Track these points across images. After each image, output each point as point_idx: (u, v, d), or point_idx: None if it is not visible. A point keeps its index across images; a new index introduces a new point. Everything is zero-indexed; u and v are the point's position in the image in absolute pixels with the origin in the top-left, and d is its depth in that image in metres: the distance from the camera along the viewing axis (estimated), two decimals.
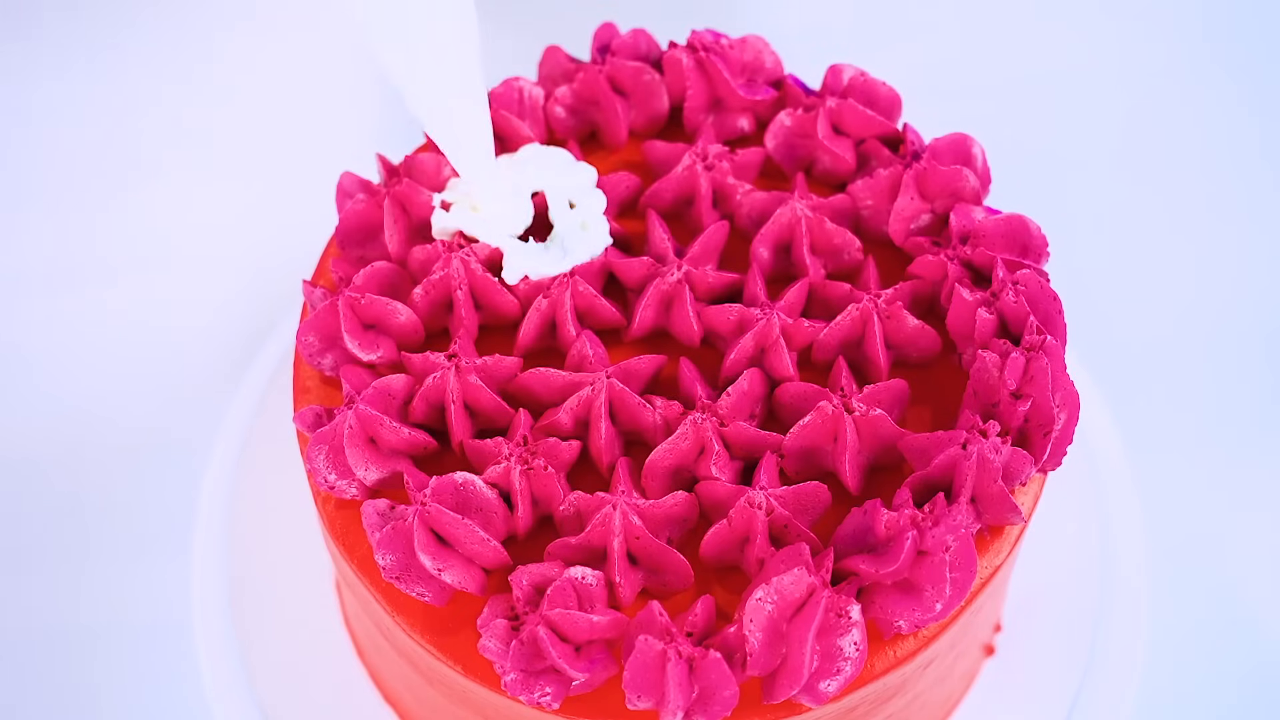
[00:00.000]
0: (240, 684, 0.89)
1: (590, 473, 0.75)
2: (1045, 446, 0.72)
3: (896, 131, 0.83)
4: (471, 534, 0.69)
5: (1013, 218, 0.78)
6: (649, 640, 0.66)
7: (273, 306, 1.03)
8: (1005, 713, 0.88)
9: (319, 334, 0.77)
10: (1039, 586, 0.90)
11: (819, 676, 0.67)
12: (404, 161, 0.82)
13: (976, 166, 0.81)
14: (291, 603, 0.92)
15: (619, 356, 0.78)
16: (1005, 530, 0.73)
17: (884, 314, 0.77)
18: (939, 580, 0.68)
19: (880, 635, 0.70)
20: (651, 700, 0.67)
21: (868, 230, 0.82)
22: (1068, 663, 0.89)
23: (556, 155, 0.82)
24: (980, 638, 0.86)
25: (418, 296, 0.78)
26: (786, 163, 0.84)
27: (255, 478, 0.95)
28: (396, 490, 0.73)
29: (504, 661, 0.67)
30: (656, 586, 0.71)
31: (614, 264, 0.79)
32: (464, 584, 0.70)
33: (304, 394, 0.78)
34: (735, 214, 0.82)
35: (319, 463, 0.73)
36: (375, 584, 0.72)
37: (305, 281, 0.79)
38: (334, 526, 0.74)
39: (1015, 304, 0.74)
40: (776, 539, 0.71)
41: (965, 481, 0.70)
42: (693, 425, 0.72)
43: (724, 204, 0.83)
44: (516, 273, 0.78)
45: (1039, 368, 0.72)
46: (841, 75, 0.84)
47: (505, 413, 0.75)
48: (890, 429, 0.73)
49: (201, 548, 0.94)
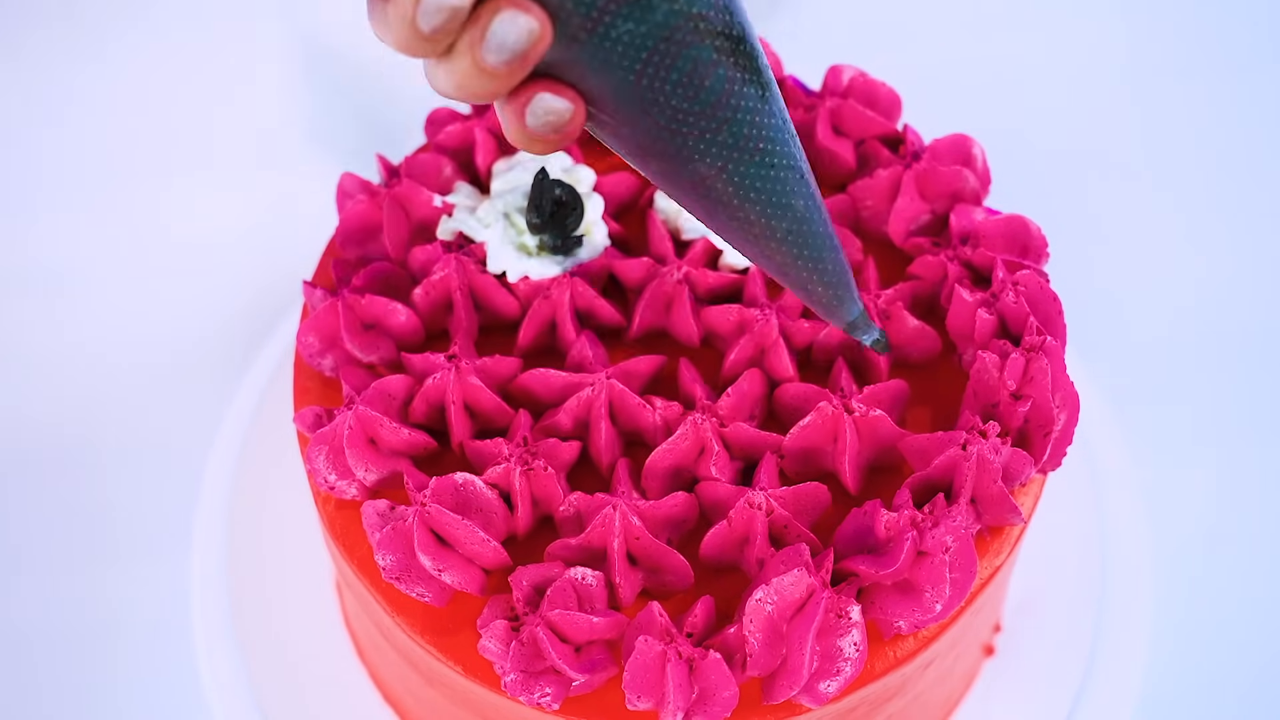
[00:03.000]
0: (240, 684, 0.89)
1: (590, 473, 0.75)
2: (1045, 447, 0.72)
3: (896, 132, 0.83)
4: (471, 534, 0.69)
5: (1013, 218, 0.78)
6: (649, 641, 0.66)
7: (273, 306, 1.03)
8: (1005, 713, 0.88)
9: (319, 334, 0.77)
10: (1039, 587, 0.90)
11: (819, 677, 0.67)
12: (404, 162, 0.82)
13: (976, 167, 0.81)
14: (291, 603, 0.92)
15: (619, 357, 0.78)
16: (1005, 531, 0.73)
17: (884, 314, 0.77)
18: (939, 581, 0.68)
19: (880, 636, 0.70)
20: (651, 701, 0.67)
21: (868, 230, 0.82)
22: (1068, 663, 0.89)
23: (556, 157, 0.82)
24: (980, 638, 0.86)
25: (418, 297, 0.78)
26: None
27: (255, 478, 0.95)
28: (396, 491, 0.73)
29: (504, 662, 0.67)
30: (656, 587, 0.71)
31: (614, 264, 0.79)
32: (464, 584, 0.70)
33: (304, 394, 0.78)
34: None
35: (319, 463, 0.73)
36: (375, 584, 0.72)
37: (305, 282, 0.79)
38: (334, 527, 0.74)
39: (1015, 304, 0.74)
40: (776, 539, 0.71)
41: (965, 482, 0.70)
42: (692, 426, 0.72)
43: None
44: (517, 272, 0.78)
45: (1039, 368, 0.72)
46: (841, 76, 0.84)
47: (505, 413, 0.75)
48: (890, 429, 0.73)
49: (201, 548, 0.94)
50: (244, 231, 1.11)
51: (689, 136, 0.58)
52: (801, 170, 0.61)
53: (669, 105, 0.57)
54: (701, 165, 0.59)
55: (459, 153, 0.83)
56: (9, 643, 0.94)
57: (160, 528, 0.98)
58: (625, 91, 0.56)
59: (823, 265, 0.64)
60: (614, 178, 0.83)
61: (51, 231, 1.13)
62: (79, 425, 1.03)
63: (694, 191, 0.60)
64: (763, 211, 0.61)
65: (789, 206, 0.61)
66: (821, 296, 0.65)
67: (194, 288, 1.09)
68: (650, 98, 0.56)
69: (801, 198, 0.61)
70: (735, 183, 0.60)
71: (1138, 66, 1.21)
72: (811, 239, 0.63)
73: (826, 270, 0.64)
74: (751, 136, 0.59)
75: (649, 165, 0.60)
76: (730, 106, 0.58)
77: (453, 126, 0.83)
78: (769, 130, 0.59)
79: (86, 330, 1.08)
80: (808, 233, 0.62)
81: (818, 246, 0.63)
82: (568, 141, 0.57)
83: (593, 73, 0.55)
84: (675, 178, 0.60)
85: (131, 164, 1.16)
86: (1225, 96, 1.19)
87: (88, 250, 1.12)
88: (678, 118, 0.57)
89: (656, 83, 0.56)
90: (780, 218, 0.61)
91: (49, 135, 1.19)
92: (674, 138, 0.58)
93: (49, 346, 1.07)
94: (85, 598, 0.96)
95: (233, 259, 1.10)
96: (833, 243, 0.64)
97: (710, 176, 0.59)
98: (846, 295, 0.66)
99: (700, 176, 0.59)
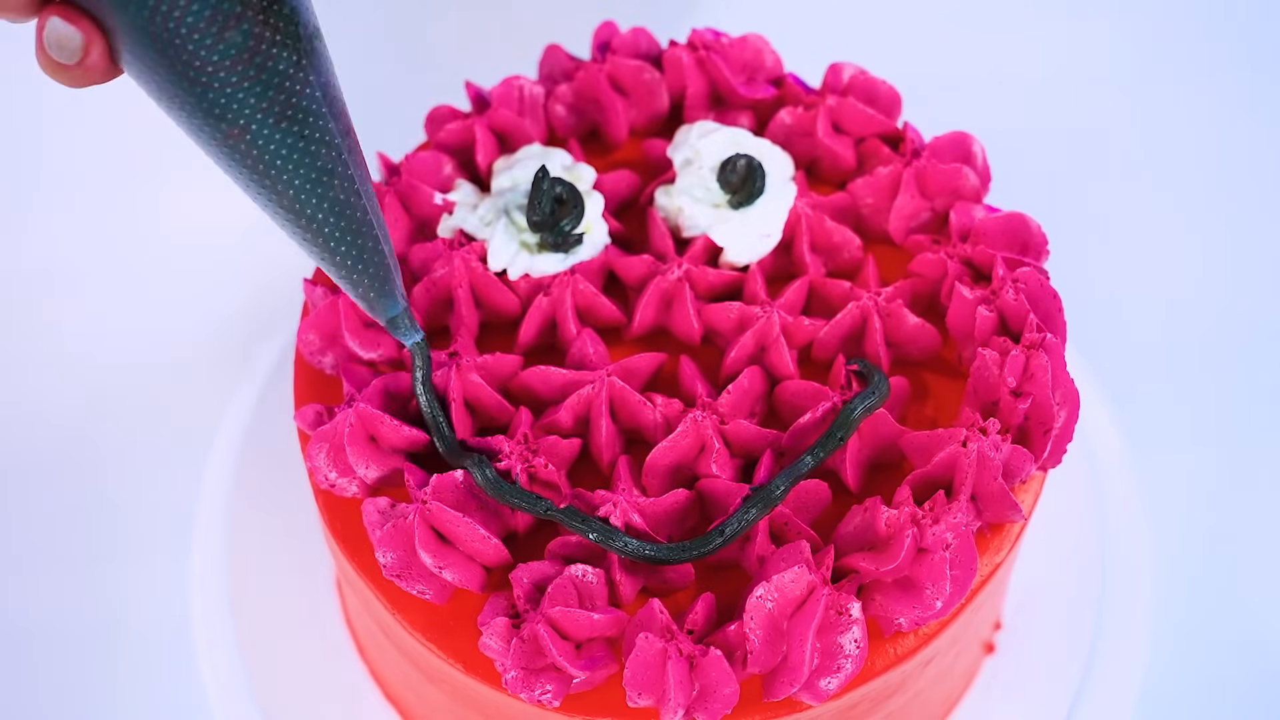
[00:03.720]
0: (240, 683, 0.89)
1: (591, 470, 0.75)
2: (1045, 444, 0.72)
3: (896, 130, 0.83)
4: (472, 532, 0.69)
5: (1013, 216, 0.78)
6: (649, 638, 0.66)
7: (273, 305, 1.03)
8: (1005, 711, 0.88)
9: (319, 333, 0.77)
10: (1039, 584, 0.90)
11: (819, 674, 0.67)
12: (404, 160, 0.82)
13: (976, 164, 0.81)
14: (291, 602, 0.92)
15: (619, 354, 0.78)
16: (1005, 528, 0.73)
17: (884, 312, 0.77)
18: (939, 578, 0.68)
19: (880, 633, 0.70)
20: (652, 698, 0.67)
21: (868, 228, 0.82)
22: (1068, 660, 0.89)
23: (556, 155, 0.82)
24: (980, 635, 0.86)
25: (418, 294, 0.78)
26: None
27: (256, 476, 0.95)
28: (397, 488, 0.73)
29: (505, 659, 0.67)
30: (657, 584, 0.71)
31: (614, 262, 0.79)
32: (465, 582, 0.70)
33: (304, 392, 0.78)
34: None
35: (320, 461, 0.73)
36: (376, 582, 0.72)
37: (306, 280, 0.79)
38: (334, 524, 0.74)
39: (1015, 302, 0.74)
40: (777, 536, 0.71)
41: (965, 479, 0.70)
42: (693, 423, 0.72)
43: None
44: (517, 270, 0.78)
45: (1039, 365, 0.72)
46: (842, 73, 0.84)
47: (506, 410, 0.75)
48: (890, 426, 0.73)
49: (201, 548, 0.94)
50: (244, 230, 1.10)
51: (209, 88, 0.57)
52: (339, 149, 0.60)
53: (186, 50, 0.56)
54: (224, 122, 0.58)
55: (459, 150, 0.83)
56: (9, 643, 0.94)
57: (160, 528, 0.98)
58: (141, 30, 0.55)
59: (356, 253, 0.63)
60: (614, 176, 0.83)
61: (51, 231, 1.13)
62: (79, 425, 1.03)
63: (221, 152, 0.60)
64: (289, 184, 0.60)
65: (320, 184, 0.61)
66: (359, 286, 0.65)
67: (194, 287, 1.09)
68: (167, 39, 0.56)
69: (337, 177, 0.61)
70: (260, 146, 0.59)
71: (1138, 66, 1.21)
72: (346, 222, 0.62)
73: (361, 259, 0.64)
74: (278, 101, 0.58)
75: (176, 116, 0.59)
76: (255, 65, 0.57)
77: (453, 124, 0.83)
78: (302, 100, 0.58)
79: (86, 330, 1.08)
80: (342, 215, 0.62)
81: (352, 232, 0.63)
82: (94, 76, 0.55)
83: (110, 5, 0.55)
84: (200, 133, 0.59)
85: (131, 163, 1.16)
86: (1225, 96, 1.19)
87: (87, 250, 1.12)
88: (196, 65, 0.56)
89: (171, 23, 0.55)
90: (310, 195, 0.61)
91: (49, 135, 1.19)
92: (194, 86, 0.57)
93: (48, 346, 1.07)
94: (85, 597, 0.96)
95: (233, 258, 1.10)
96: (371, 232, 0.63)
97: (234, 135, 0.59)
98: (390, 289, 0.66)
99: (224, 135, 0.59)
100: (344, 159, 0.61)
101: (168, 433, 1.02)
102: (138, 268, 1.10)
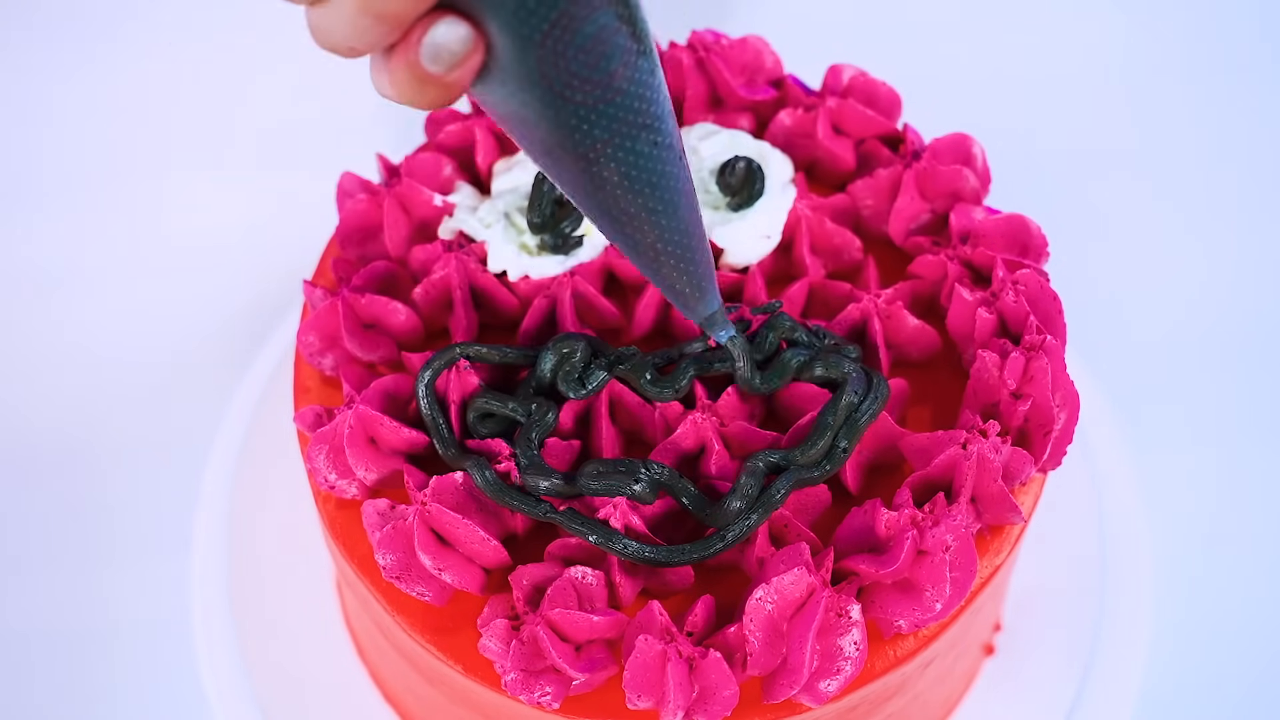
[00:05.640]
0: (240, 684, 0.89)
1: None
2: (1045, 446, 0.72)
3: (896, 131, 0.83)
4: (472, 533, 0.69)
5: (1013, 217, 0.78)
6: (649, 640, 0.66)
7: (273, 306, 1.03)
8: (1005, 712, 0.88)
9: (319, 334, 0.77)
10: (1039, 586, 0.90)
11: (819, 676, 0.67)
12: (404, 161, 0.82)
13: (976, 166, 0.81)
14: (291, 602, 0.92)
15: None
16: (1005, 530, 0.73)
17: (884, 313, 0.77)
18: (939, 580, 0.68)
19: (880, 635, 0.70)
20: (651, 700, 0.67)
21: (868, 230, 0.82)
22: (1068, 662, 0.89)
23: None
24: (980, 637, 0.86)
25: (418, 296, 0.78)
26: None
27: (255, 478, 0.95)
28: (397, 490, 0.73)
29: (504, 661, 0.67)
30: (656, 586, 0.71)
31: (614, 263, 0.79)
32: (464, 583, 0.70)
33: (304, 394, 0.78)
34: None
35: (319, 462, 0.73)
36: (375, 583, 0.72)
37: (306, 281, 0.79)
38: (334, 526, 0.74)
39: (1015, 304, 0.74)
40: (776, 538, 0.71)
41: (965, 481, 0.70)
42: (693, 424, 0.72)
43: None
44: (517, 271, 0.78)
45: (1039, 367, 0.72)
46: (841, 75, 0.84)
47: None
48: (890, 428, 0.73)
49: (201, 548, 0.94)
50: (244, 231, 1.11)
51: (580, 106, 0.56)
52: (680, 151, 0.60)
53: (567, 71, 0.55)
54: (589, 137, 0.57)
55: (459, 152, 0.83)
56: (8, 643, 0.94)
57: (160, 528, 0.98)
58: (525, 56, 0.54)
59: (690, 252, 0.63)
60: None
61: (51, 231, 1.13)
62: (79, 425, 1.03)
63: (575, 166, 0.59)
64: (643, 188, 0.60)
65: (668, 186, 0.60)
66: (684, 286, 0.64)
67: (194, 287, 1.09)
68: (550, 61, 0.54)
69: (680, 179, 0.60)
70: (619, 158, 0.58)
71: (1138, 66, 1.21)
72: (684, 223, 0.62)
73: (693, 258, 0.63)
74: (640, 110, 0.57)
75: (532, 135, 0.58)
76: (625, 78, 0.56)
77: (453, 126, 0.83)
78: (656, 106, 0.58)
79: (86, 330, 1.08)
80: (682, 215, 0.61)
81: (688, 232, 0.62)
82: (455, 92, 0.53)
83: (501, 18, 0.53)
84: (558, 151, 0.58)
85: (132, 163, 1.16)
86: (1225, 96, 1.19)
87: (88, 249, 1.12)
88: (573, 84, 0.55)
89: (560, 45, 0.54)
90: (658, 196, 0.60)
91: (49, 135, 1.19)
92: (565, 106, 0.56)
93: (48, 346, 1.07)
94: (85, 598, 0.96)
95: (233, 258, 1.10)
96: (701, 231, 0.63)
97: (596, 150, 0.58)
98: (709, 287, 0.65)
99: (585, 149, 0.58)
100: (684, 160, 0.61)
101: (168, 433, 1.02)
102: (138, 267, 1.10)
